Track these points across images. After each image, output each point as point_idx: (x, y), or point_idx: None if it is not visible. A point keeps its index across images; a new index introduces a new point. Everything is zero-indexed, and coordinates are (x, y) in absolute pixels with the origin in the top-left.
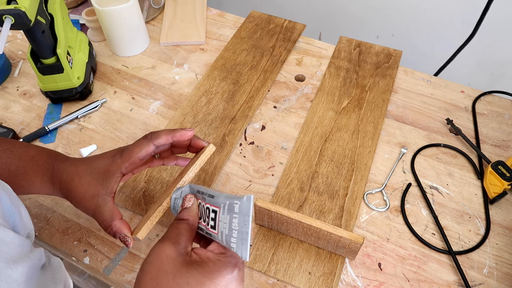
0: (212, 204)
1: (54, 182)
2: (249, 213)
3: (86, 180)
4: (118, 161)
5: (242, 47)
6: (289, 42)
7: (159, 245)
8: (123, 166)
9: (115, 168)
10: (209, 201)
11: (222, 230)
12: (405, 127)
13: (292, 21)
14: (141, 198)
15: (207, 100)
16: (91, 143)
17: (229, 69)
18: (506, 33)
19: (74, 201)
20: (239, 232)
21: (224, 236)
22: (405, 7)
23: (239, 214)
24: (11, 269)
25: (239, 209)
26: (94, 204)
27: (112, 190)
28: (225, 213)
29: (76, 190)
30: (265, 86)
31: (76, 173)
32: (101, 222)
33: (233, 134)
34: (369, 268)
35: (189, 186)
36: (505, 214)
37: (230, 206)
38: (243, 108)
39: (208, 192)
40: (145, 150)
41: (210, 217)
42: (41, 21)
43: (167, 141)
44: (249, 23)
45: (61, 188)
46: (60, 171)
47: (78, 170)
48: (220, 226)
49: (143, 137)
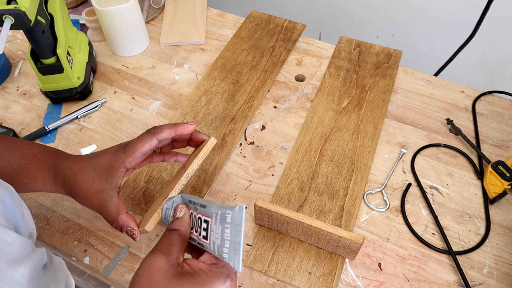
0: (204, 214)
1: (57, 179)
2: (241, 223)
3: (90, 176)
4: (122, 156)
5: (242, 47)
6: (289, 42)
7: (150, 256)
8: (127, 161)
9: (119, 163)
10: (201, 211)
11: (214, 241)
12: (405, 127)
13: (292, 21)
14: (141, 198)
15: (207, 100)
16: (91, 143)
17: (229, 69)
18: (506, 33)
19: (79, 197)
20: (231, 242)
21: (216, 246)
22: (405, 7)
23: (231, 224)
24: (12, 270)
25: (231, 219)
26: (99, 200)
27: (116, 185)
28: (217, 223)
29: (80, 187)
30: (265, 86)
31: (80, 169)
32: (107, 217)
33: (233, 134)
34: (369, 268)
35: (181, 196)
36: (505, 214)
37: (222, 216)
38: (243, 108)
39: (200, 202)
40: (149, 145)
41: (202, 227)
42: (41, 21)
43: (170, 135)
44: (249, 23)
45: (64, 185)
46: (63, 168)
47: (82, 167)
48: (212, 236)
49: (146, 132)
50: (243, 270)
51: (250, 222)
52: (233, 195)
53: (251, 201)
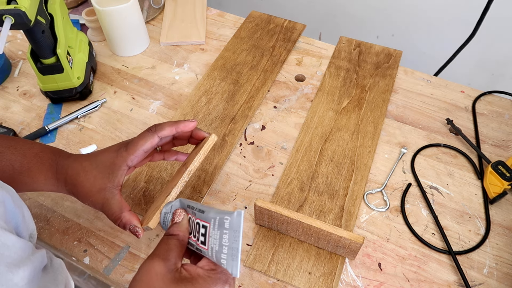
0: (202, 219)
1: (59, 178)
2: (239, 229)
3: (92, 175)
4: (124, 154)
5: (242, 47)
6: (289, 42)
7: (148, 261)
8: (128, 159)
9: (120, 161)
10: (199, 216)
11: (212, 246)
12: (405, 127)
13: (292, 21)
14: (141, 198)
15: (207, 100)
16: (91, 143)
17: (229, 69)
18: (506, 33)
19: (81, 196)
20: (230, 248)
21: (214, 252)
22: (405, 7)
23: (229, 230)
24: (12, 273)
25: (229, 225)
26: (101, 198)
27: (118, 183)
28: (215, 228)
29: (82, 185)
30: (265, 86)
31: (81, 168)
32: (110, 215)
33: (233, 134)
34: (369, 268)
35: (179, 200)
36: (505, 214)
37: (220, 222)
38: (243, 108)
39: (198, 207)
40: (150, 142)
41: (200, 232)
42: (41, 21)
43: (171, 132)
44: (249, 23)
45: (66, 184)
46: (65, 167)
47: (83, 165)
48: (210, 242)
49: (147, 130)
50: (243, 270)
51: (250, 222)
52: (233, 195)
53: (251, 201)
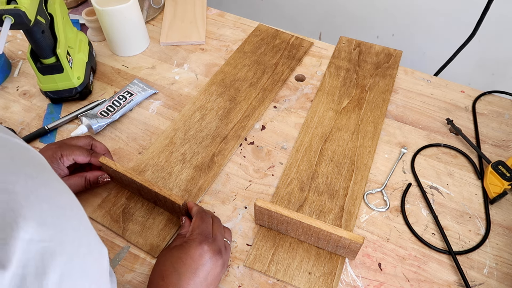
0: None
1: None
2: None
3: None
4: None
5: (244, 62)
6: (293, 60)
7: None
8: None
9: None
10: None
11: None
12: (405, 127)
13: (299, 37)
14: (120, 215)
15: (201, 116)
16: None
17: (228, 84)
18: (506, 33)
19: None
20: None
21: None
22: (405, 7)
23: None
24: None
25: None
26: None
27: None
28: None
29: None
30: (262, 105)
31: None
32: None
33: (223, 154)
34: (369, 268)
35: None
36: (505, 214)
37: None
38: (237, 127)
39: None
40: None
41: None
42: (41, 21)
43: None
44: (255, 37)
45: None
46: None
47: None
48: None
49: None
50: (243, 270)
51: (250, 222)
52: (233, 195)
53: (251, 201)
